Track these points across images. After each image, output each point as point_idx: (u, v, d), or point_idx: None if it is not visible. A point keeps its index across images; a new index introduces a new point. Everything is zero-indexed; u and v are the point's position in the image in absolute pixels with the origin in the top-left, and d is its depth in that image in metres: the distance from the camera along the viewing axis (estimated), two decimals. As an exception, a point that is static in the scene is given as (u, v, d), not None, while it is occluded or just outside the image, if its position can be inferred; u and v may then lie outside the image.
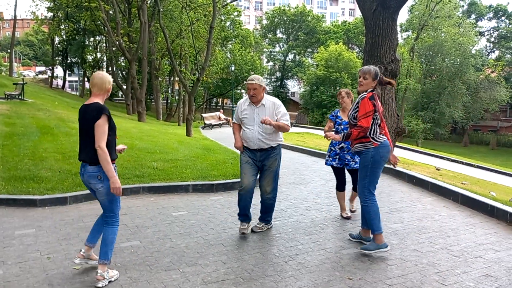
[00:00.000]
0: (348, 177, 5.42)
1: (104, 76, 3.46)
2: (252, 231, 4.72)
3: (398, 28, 11.11)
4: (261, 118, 4.41)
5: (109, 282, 3.42)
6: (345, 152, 5.21)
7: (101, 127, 3.27)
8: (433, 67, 45.21)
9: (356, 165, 5.17)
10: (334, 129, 5.30)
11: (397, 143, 12.26)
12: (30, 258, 3.86)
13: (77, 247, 4.15)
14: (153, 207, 5.64)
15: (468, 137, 49.19)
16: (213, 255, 4.05)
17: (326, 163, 5.44)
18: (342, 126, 5.21)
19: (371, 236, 4.22)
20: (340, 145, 5.23)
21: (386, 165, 8.77)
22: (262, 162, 4.61)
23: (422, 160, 15.04)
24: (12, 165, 6.92)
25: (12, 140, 8.85)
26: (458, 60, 42.87)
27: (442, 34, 42.90)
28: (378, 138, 4.06)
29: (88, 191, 5.92)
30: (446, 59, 43.56)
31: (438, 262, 3.95)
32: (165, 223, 4.99)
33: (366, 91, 4.06)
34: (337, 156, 5.28)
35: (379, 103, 4.12)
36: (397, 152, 13.97)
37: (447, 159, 17.89)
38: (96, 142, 3.26)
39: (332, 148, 5.34)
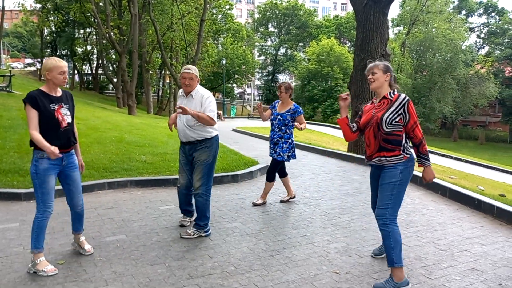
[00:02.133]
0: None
1: (44, 63, 3.48)
2: (180, 236, 4.35)
3: (390, 23, 11.07)
4: (178, 105, 4.22)
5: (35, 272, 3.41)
6: (270, 141, 5.62)
7: (27, 115, 3.38)
8: (424, 63, 45.47)
9: (274, 156, 5.49)
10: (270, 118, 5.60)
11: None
12: (12, 252, 3.80)
13: (62, 241, 4.10)
14: (140, 201, 5.58)
15: (458, 132, 49.65)
16: (199, 249, 4.01)
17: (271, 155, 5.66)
18: (272, 117, 5.55)
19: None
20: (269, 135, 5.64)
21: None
22: (191, 155, 4.37)
23: (411, 154, 15.11)
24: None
25: (-3, 133, 8.70)
26: (449, 55, 43.17)
27: (433, 30, 43.13)
28: (409, 150, 3.41)
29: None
30: (437, 55, 43.83)
31: (425, 256, 3.96)
32: (152, 217, 4.94)
33: (392, 92, 3.41)
34: (277, 150, 5.53)
35: None
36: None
37: (436, 153, 18.02)
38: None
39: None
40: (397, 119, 3.31)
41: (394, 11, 58.58)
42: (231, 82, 48.03)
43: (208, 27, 29.46)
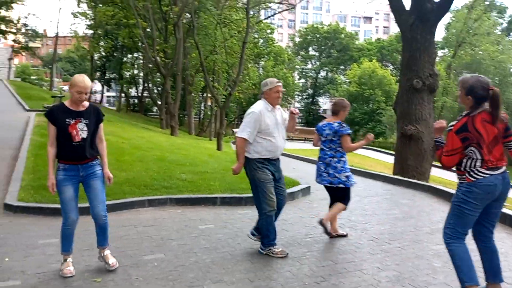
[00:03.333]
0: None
1: (72, 78, 3.60)
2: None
3: (435, 46, 10.71)
4: (292, 109, 4.29)
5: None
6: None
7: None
8: (471, 86, 43.83)
9: (324, 182, 4.86)
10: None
11: (434, 163, 11.72)
12: (50, 269, 3.73)
13: (102, 262, 3.99)
14: (179, 219, 5.46)
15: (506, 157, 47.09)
16: (239, 272, 3.79)
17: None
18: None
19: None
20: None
21: (424, 183, 8.33)
22: (277, 172, 4.32)
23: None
24: (42, 174, 6.91)
25: (45, 150, 8.89)
26: (497, 78, 41.40)
27: (480, 52, 41.68)
28: (475, 174, 3.11)
29: (116, 202, 5.83)
30: (485, 77, 42.17)
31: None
32: (191, 236, 4.78)
33: (459, 116, 3.19)
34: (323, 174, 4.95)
35: (487, 126, 3.08)
36: (434, 171, 13.38)
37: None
38: None
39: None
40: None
41: (439, 34, 57.29)
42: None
43: (250, 50, 29.83)
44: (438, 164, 3.44)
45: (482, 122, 3.08)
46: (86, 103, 3.68)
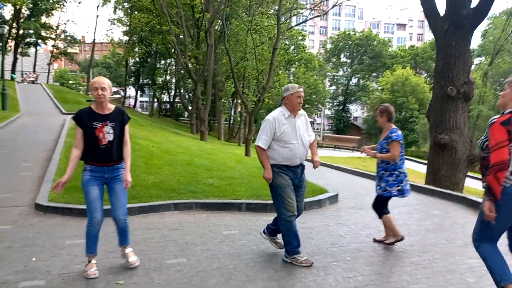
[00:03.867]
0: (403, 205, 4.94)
1: None
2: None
3: (470, 53, 10.36)
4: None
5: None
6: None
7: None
8: (508, 95, 42.25)
9: (377, 192, 4.75)
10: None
11: (469, 173, 11.29)
12: (75, 269, 3.77)
13: (124, 261, 4.01)
14: (204, 224, 5.43)
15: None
16: (262, 280, 3.72)
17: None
18: (378, 147, 4.77)
19: None
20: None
21: (458, 194, 8.01)
22: (298, 179, 4.24)
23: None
24: (74, 176, 7.04)
25: (78, 152, 9.17)
26: (538, 87, 39.73)
27: (519, 60, 40.18)
28: (508, 179, 2.97)
29: (142, 205, 5.88)
30: (524, 86, 40.54)
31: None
32: (215, 241, 4.75)
33: (503, 113, 3.05)
34: (382, 184, 4.81)
35: None
36: (469, 182, 12.89)
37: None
38: None
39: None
40: (487, 143, 3.09)
41: (474, 41, 55.76)
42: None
43: (281, 57, 29.82)
44: (472, 174, 3.30)
45: None
46: (112, 106, 3.74)
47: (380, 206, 4.86)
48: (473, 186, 13.43)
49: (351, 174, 11.55)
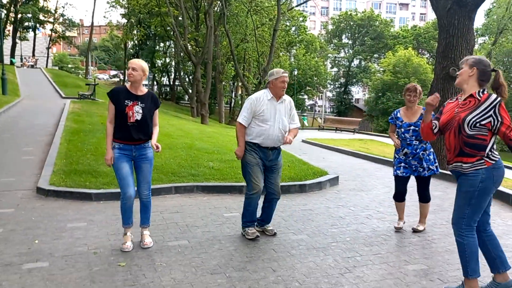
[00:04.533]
0: (410, 186, 4.87)
1: None
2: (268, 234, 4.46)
3: (473, 32, 10.21)
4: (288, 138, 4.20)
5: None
6: (410, 158, 4.63)
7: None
8: (511, 74, 41.94)
9: (425, 173, 4.64)
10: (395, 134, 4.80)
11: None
12: (77, 252, 3.81)
13: (139, 241, 4.08)
14: (205, 206, 5.47)
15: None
16: (262, 261, 3.76)
17: (393, 174, 4.84)
18: (403, 129, 4.63)
19: (508, 279, 3.22)
20: (404, 151, 4.66)
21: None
22: (272, 161, 4.33)
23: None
24: (74, 160, 7.12)
25: (78, 136, 9.19)
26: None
27: (524, 39, 39.76)
28: (493, 155, 3.01)
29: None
30: (528, 66, 40.24)
31: (523, 287, 3.36)
32: (216, 223, 4.78)
33: (481, 91, 3.03)
34: (401, 164, 4.69)
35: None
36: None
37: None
38: None
39: (396, 155, 4.81)
40: (483, 122, 2.95)
41: (478, 21, 54.95)
42: (302, 93, 47.71)
43: (281, 38, 29.54)
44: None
45: None
46: (145, 89, 3.98)
47: (427, 187, 4.74)
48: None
49: (352, 156, 11.56)
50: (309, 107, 58.29)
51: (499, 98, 2.95)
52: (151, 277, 3.36)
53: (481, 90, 3.04)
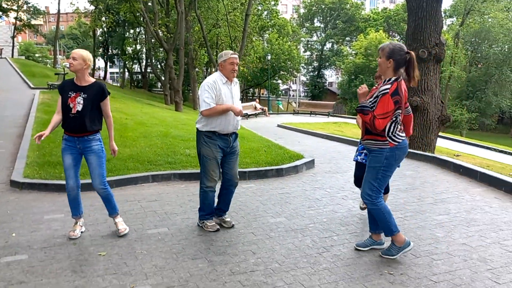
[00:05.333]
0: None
1: None
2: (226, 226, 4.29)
3: (441, 14, 10.43)
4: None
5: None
6: None
7: None
8: (479, 54, 42.99)
9: None
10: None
11: (440, 133, 11.62)
12: (56, 243, 3.79)
13: (104, 233, 4.06)
14: (183, 194, 5.50)
15: (517, 128, 46.61)
16: (242, 244, 3.84)
17: (354, 159, 4.95)
18: None
19: (381, 238, 3.76)
20: None
21: (429, 154, 8.29)
22: (231, 147, 4.18)
23: (467, 151, 14.27)
24: (47, 151, 6.99)
25: (50, 127, 8.98)
26: (506, 46, 40.53)
27: (489, 20, 40.70)
28: (396, 137, 3.38)
29: (120, 177, 5.88)
30: (494, 46, 41.27)
31: (490, 257, 3.56)
32: (195, 210, 4.82)
33: (388, 80, 3.32)
34: (364, 151, 4.69)
35: (404, 90, 3.35)
36: (441, 142, 13.30)
37: (495, 149, 16.92)
38: None
39: (360, 141, 4.91)
40: (373, 107, 3.32)
41: (446, 1, 55.83)
42: (276, 78, 47.72)
43: (254, 23, 29.34)
44: (444, 134, 3.43)
45: (404, 87, 3.35)
46: (92, 79, 3.89)
47: None
48: (445, 146, 13.88)
49: (327, 140, 11.74)
50: (283, 91, 58.41)
51: (386, 90, 3.24)
52: (133, 265, 3.39)
53: (389, 79, 3.34)
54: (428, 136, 10.07)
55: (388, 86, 3.28)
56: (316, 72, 57.63)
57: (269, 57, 37.09)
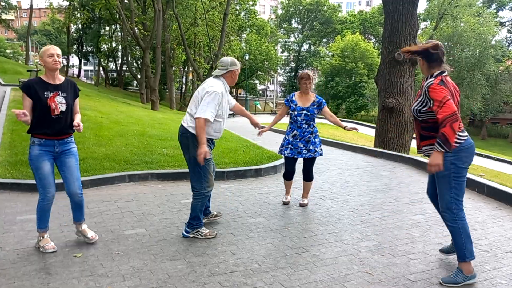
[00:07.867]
0: (298, 167, 5.19)
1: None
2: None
3: (417, 18, 10.64)
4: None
5: None
6: (298, 140, 4.92)
7: (22, 102, 3.48)
8: (451, 58, 44.08)
9: (309, 154, 4.91)
10: (288, 115, 5.08)
11: (415, 135, 11.85)
12: (29, 244, 3.67)
13: (81, 237, 3.95)
14: (161, 194, 5.42)
15: (486, 130, 48.05)
16: (221, 245, 3.80)
17: (279, 153, 5.16)
18: (296, 112, 4.91)
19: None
20: (293, 133, 4.95)
21: (404, 155, 8.44)
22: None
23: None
24: (20, 150, 6.78)
25: (22, 125, 8.71)
26: (478, 50, 41.69)
27: (462, 24, 41.80)
28: (458, 138, 3.04)
29: (96, 177, 5.75)
30: (465, 50, 42.40)
31: (464, 257, 3.64)
32: (173, 210, 4.76)
33: (432, 75, 3.16)
34: (289, 146, 4.98)
35: (454, 89, 3.14)
36: (415, 144, 13.55)
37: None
38: None
39: (286, 136, 5.08)
40: (424, 109, 3.13)
41: (421, 6, 57.11)
42: (254, 78, 47.76)
43: (232, 23, 29.27)
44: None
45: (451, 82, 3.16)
46: (62, 77, 3.64)
47: (312, 168, 5.09)
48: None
49: (304, 140, 11.80)
50: (261, 91, 58.52)
51: (430, 82, 3.08)
52: (109, 266, 3.31)
53: (430, 75, 3.20)
54: (403, 137, 10.27)
55: (432, 80, 3.10)
56: (294, 73, 57.99)
57: (247, 57, 37.11)
